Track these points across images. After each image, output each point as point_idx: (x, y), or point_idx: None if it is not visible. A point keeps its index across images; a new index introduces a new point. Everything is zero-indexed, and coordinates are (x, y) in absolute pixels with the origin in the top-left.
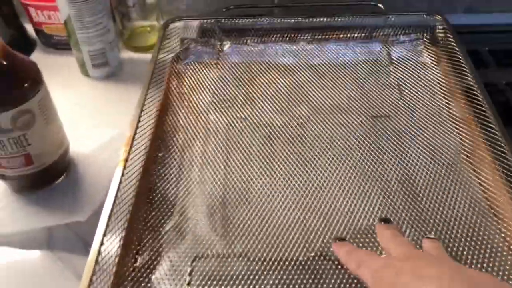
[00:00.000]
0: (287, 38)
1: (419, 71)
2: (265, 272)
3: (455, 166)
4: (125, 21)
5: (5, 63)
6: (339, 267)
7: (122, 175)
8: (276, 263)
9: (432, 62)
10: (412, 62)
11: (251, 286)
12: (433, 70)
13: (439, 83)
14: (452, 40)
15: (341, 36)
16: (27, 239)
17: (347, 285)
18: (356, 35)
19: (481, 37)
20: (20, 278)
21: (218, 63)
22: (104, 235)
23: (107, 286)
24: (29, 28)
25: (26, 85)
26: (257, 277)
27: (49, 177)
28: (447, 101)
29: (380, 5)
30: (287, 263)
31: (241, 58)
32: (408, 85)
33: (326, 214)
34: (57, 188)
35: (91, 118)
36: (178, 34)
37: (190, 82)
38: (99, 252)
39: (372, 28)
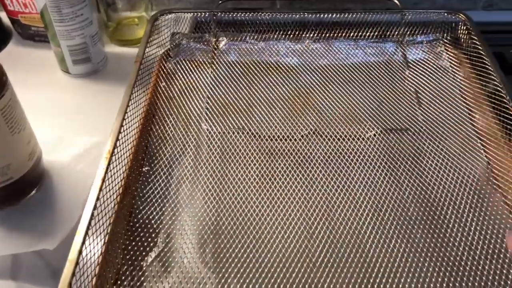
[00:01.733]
0: (291, 36)
1: (437, 76)
2: None
3: (483, 191)
4: (110, 11)
5: None
6: None
7: (97, 199)
8: None
9: (453, 65)
10: (430, 65)
11: None
12: (454, 75)
13: (461, 91)
14: (477, 41)
15: (351, 34)
16: None
17: None
18: (368, 33)
19: (503, 37)
20: None
21: (213, 62)
22: (73, 274)
23: None
24: (4, 17)
25: None
26: None
27: (17, 193)
28: (470, 112)
29: (396, 1)
30: None
31: (239, 57)
32: (427, 92)
33: (336, 247)
34: (26, 205)
35: (70, 122)
36: (169, 28)
37: (180, 84)
38: None
39: (386, 26)
